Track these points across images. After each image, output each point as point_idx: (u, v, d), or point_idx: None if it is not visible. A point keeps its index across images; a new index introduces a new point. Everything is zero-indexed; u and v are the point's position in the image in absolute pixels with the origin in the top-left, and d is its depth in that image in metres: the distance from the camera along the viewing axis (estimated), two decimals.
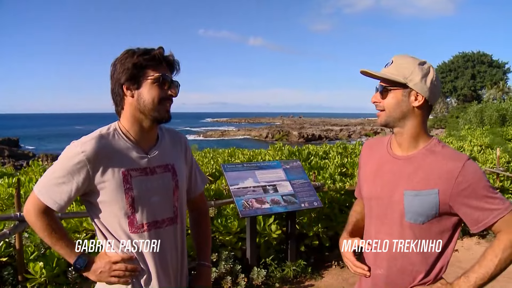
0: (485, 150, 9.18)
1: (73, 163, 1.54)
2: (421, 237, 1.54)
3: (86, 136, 1.60)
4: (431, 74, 1.53)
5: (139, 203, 1.61)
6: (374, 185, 1.66)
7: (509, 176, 7.03)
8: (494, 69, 51.79)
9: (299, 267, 4.66)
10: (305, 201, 4.69)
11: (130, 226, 1.61)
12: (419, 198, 1.50)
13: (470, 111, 25.21)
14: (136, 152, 1.64)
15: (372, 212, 1.69)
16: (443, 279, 1.58)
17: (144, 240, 1.64)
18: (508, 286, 4.29)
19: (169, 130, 1.84)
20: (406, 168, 1.56)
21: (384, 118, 1.58)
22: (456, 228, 1.56)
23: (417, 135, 1.57)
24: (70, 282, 3.55)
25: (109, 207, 1.60)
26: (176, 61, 1.67)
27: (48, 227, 1.61)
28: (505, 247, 1.46)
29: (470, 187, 1.44)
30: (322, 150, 7.82)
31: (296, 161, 5.23)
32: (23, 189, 4.34)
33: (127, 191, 1.58)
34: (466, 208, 1.47)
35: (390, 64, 1.57)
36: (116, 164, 1.59)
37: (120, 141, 1.63)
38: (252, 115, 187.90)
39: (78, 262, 1.62)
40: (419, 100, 1.53)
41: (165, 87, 1.61)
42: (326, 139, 52.98)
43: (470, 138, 11.02)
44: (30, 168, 5.92)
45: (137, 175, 1.62)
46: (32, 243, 3.66)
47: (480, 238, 6.10)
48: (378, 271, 1.65)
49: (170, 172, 1.71)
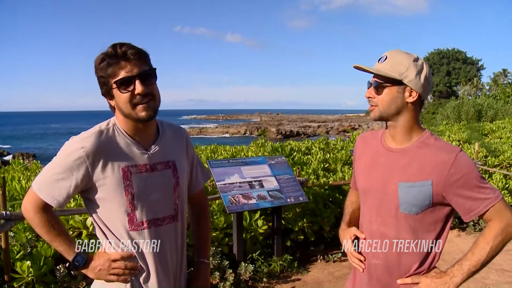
0: (463, 145, 9.40)
1: (72, 159, 1.52)
2: (415, 227, 1.60)
3: (86, 131, 1.58)
4: (424, 70, 1.57)
5: (139, 200, 1.59)
6: (369, 178, 1.71)
7: (487, 170, 7.21)
8: (469, 66, 52.94)
9: (286, 261, 4.71)
10: (291, 196, 4.74)
11: (129, 223, 1.60)
12: (413, 190, 1.55)
13: (448, 107, 25.74)
14: (137, 148, 1.62)
15: (367, 204, 1.74)
16: (437, 268, 1.64)
17: (144, 238, 1.62)
18: (488, 276, 4.43)
19: (170, 125, 1.81)
20: (400, 160, 1.61)
21: (378, 113, 1.62)
22: (448, 219, 1.62)
23: (410, 129, 1.62)
24: (58, 281, 3.51)
25: (108, 204, 1.59)
26: (132, 52, 1.52)
27: (47, 223, 1.59)
28: (496, 234, 1.52)
29: (462, 178, 1.50)
30: (305, 146, 7.89)
31: (281, 156, 5.28)
32: (7, 188, 4.27)
33: (126, 188, 1.57)
34: (459, 198, 1.52)
35: (384, 59, 1.60)
36: (116, 161, 1.57)
37: (120, 137, 1.61)
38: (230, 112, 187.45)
39: (76, 259, 1.61)
40: (413, 96, 1.57)
41: (129, 88, 1.52)
42: (304, 136, 53.31)
43: (448, 134, 11.25)
44: (11, 166, 5.82)
45: (137, 171, 1.59)
46: (18, 242, 3.60)
47: (460, 230, 6.27)
48: (374, 261, 1.70)
49: (171, 168, 1.69)
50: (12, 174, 5.19)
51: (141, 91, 1.52)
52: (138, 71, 1.52)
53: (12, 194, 4.21)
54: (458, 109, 24.22)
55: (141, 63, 1.53)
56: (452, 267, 1.56)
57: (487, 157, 8.03)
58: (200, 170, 1.93)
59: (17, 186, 4.27)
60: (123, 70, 1.51)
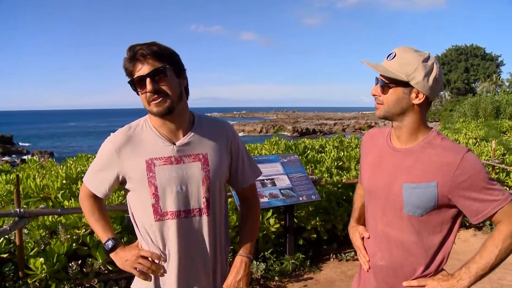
0: (480, 143, 9.23)
1: (105, 154, 1.70)
2: (420, 229, 1.56)
3: (119, 129, 1.74)
4: (434, 71, 1.51)
5: (163, 191, 1.66)
6: (374, 177, 1.68)
7: (505, 168, 7.08)
8: (487, 62, 52.04)
9: (298, 260, 4.69)
10: (303, 195, 4.72)
11: (154, 214, 1.67)
12: (417, 191, 1.51)
13: (465, 104, 25.30)
14: (162, 141, 1.68)
15: (372, 203, 1.70)
16: (444, 271, 1.59)
17: (168, 228, 1.67)
18: (505, 277, 4.35)
19: (211, 120, 1.83)
20: (405, 161, 1.57)
21: (383, 112, 1.59)
22: (456, 220, 1.57)
23: (416, 129, 1.57)
24: (70, 277, 3.55)
25: (136, 194, 1.70)
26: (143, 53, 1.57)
27: (91, 208, 1.81)
28: (505, 237, 1.47)
29: (469, 179, 1.44)
30: (319, 144, 7.82)
31: (294, 154, 5.25)
32: (21, 185, 4.33)
33: (150, 180, 1.65)
34: (465, 200, 1.47)
35: (392, 57, 1.54)
36: (140, 153, 1.66)
37: (147, 132, 1.70)
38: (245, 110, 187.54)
39: (106, 244, 1.76)
40: (420, 98, 1.52)
41: (142, 87, 1.59)
42: (320, 133, 53.03)
43: (465, 131, 11.08)
44: (26, 164, 5.90)
45: (161, 164, 1.66)
46: (32, 239, 3.65)
47: (477, 230, 6.17)
48: (379, 262, 1.67)
49: (201, 162, 1.70)
50: (28, 172, 5.27)
51: (149, 89, 1.58)
52: (148, 70, 1.57)
53: (27, 192, 4.26)
54: (475, 106, 23.76)
55: (154, 62, 1.58)
56: (460, 270, 1.52)
57: (505, 155, 7.87)
58: (249, 166, 1.91)
59: (32, 184, 4.32)
60: (136, 70, 1.59)
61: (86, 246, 3.80)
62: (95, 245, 3.73)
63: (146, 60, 1.57)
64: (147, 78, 1.57)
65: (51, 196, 4.36)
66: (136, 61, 1.58)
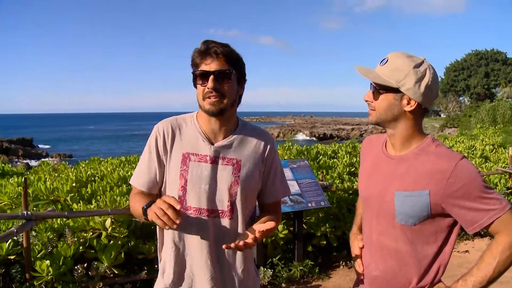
0: (498, 149, 9.05)
1: (151, 137, 1.75)
2: (413, 239, 1.50)
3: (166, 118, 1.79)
4: (426, 77, 1.46)
5: (191, 186, 1.67)
6: (369, 184, 1.64)
7: None
8: (509, 67, 51.16)
9: (306, 267, 4.64)
10: (312, 201, 4.67)
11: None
12: (410, 199, 1.46)
13: (483, 110, 24.84)
14: (202, 139, 1.71)
15: (367, 211, 1.67)
16: (442, 282, 1.53)
17: (190, 222, 1.67)
18: None
19: (254, 129, 1.84)
20: (398, 168, 1.53)
21: (375, 119, 1.55)
22: (452, 229, 1.51)
23: (410, 136, 1.53)
24: (76, 280, 3.57)
25: (168, 183, 1.73)
26: (217, 51, 1.63)
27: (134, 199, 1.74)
28: (503, 249, 1.40)
29: (463, 188, 1.38)
30: (331, 149, 7.77)
31: (304, 160, 5.20)
32: (32, 188, 4.38)
33: (182, 172, 1.68)
34: (460, 209, 1.41)
35: (385, 62, 1.51)
36: (179, 145, 1.71)
37: (191, 127, 1.75)
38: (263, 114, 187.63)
39: (146, 205, 1.59)
40: (411, 105, 1.48)
41: (204, 81, 1.64)
42: (338, 138, 52.72)
43: (482, 137, 10.87)
44: (39, 167, 5.98)
45: (197, 160, 1.69)
46: (39, 242, 3.68)
47: (491, 238, 6.00)
48: (374, 272, 1.62)
49: (233, 166, 1.71)
50: (40, 175, 5.33)
51: (211, 86, 1.62)
52: (216, 68, 1.63)
53: (37, 194, 4.31)
54: (493, 111, 23.28)
55: (223, 62, 1.64)
56: (457, 282, 1.45)
57: None
58: (279, 183, 1.86)
59: (42, 186, 4.37)
60: (204, 64, 1.64)
61: (93, 249, 3.82)
62: (102, 249, 3.75)
63: (217, 58, 1.63)
64: (212, 75, 1.62)
65: (60, 199, 4.40)
66: (207, 55, 1.64)
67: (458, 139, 10.47)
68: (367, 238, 1.67)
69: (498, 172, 6.94)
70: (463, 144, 9.00)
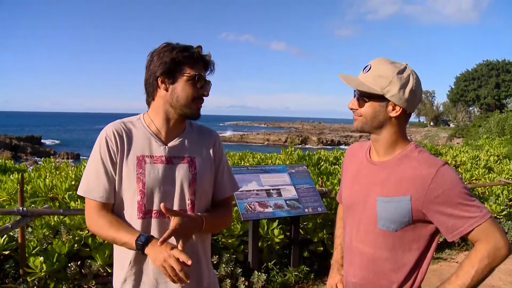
0: (502, 160, 8.96)
1: (101, 143, 1.66)
2: (394, 245, 1.50)
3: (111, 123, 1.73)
4: (410, 83, 1.47)
5: (150, 189, 1.64)
6: (352, 191, 1.64)
7: None
8: None
9: (302, 273, 4.62)
10: (309, 206, 4.65)
11: (138, 211, 1.64)
12: (391, 205, 1.46)
13: (492, 120, 24.66)
14: (155, 140, 1.70)
15: (349, 219, 1.66)
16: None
17: (151, 227, 1.65)
18: None
19: (200, 127, 1.88)
20: (380, 174, 1.53)
21: (360, 125, 1.55)
22: (434, 237, 1.51)
23: (394, 142, 1.54)
24: (69, 278, 3.59)
25: (124, 190, 1.66)
26: (212, 62, 1.72)
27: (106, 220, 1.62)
28: (482, 257, 1.39)
29: (443, 194, 1.39)
30: (333, 155, 7.76)
31: (302, 165, 5.19)
32: (31, 185, 4.43)
33: (139, 176, 1.64)
34: (440, 215, 1.41)
35: (368, 69, 1.52)
36: (131, 149, 1.67)
37: (141, 129, 1.72)
38: (271, 119, 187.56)
39: (140, 239, 1.55)
40: (396, 111, 1.49)
41: (198, 85, 1.67)
42: (346, 146, 52.57)
43: (487, 148, 10.78)
44: (41, 165, 6.03)
45: (152, 162, 1.66)
46: (35, 238, 3.71)
47: None
48: (352, 279, 1.62)
49: (188, 164, 1.72)
50: (41, 172, 5.38)
51: (207, 94, 1.71)
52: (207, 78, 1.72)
53: (35, 191, 4.35)
54: (502, 123, 23.08)
55: (210, 74, 1.74)
56: None
57: None
58: (228, 180, 1.89)
59: (41, 183, 4.41)
60: (197, 69, 1.67)
61: (88, 247, 3.84)
62: (97, 247, 3.77)
63: (210, 69, 1.73)
64: (210, 84, 1.73)
65: (58, 197, 4.43)
66: (206, 66, 1.71)
67: (463, 149, 10.39)
68: (347, 245, 1.67)
69: (501, 183, 6.87)
70: (467, 154, 8.92)
